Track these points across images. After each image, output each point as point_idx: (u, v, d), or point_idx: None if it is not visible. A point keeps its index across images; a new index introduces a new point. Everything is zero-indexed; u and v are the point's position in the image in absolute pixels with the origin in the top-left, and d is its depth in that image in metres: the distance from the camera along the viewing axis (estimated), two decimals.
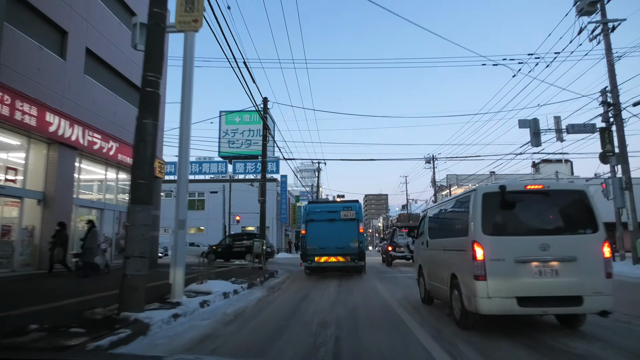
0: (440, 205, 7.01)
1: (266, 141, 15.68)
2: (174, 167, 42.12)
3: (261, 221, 15.42)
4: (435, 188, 43.76)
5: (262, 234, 15.24)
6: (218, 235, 36.07)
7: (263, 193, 15.38)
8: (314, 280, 11.97)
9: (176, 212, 7.04)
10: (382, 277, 12.58)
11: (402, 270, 15.18)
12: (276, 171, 41.12)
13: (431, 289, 6.60)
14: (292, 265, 19.12)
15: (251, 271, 13.63)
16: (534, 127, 15.28)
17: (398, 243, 18.85)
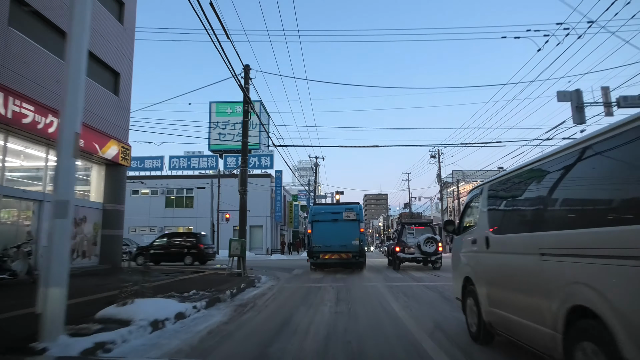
0: (531, 167, 3.49)
1: (248, 117, 12.84)
2: (164, 160, 39.26)
3: (241, 216, 12.58)
4: (440, 184, 40.91)
5: (242, 231, 12.38)
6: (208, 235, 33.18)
7: (243, 181, 12.55)
8: (305, 291, 9.13)
9: (54, 189, 4.15)
10: (392, 286, 9.73)
11: (415, 277, 12.33)
12: (270, 166, 38.29)
13: (498, 322, 3.75)
14: (283, 269, 16.25)
15: (226, 279, 10.79)
16: (577, 99, 12.45)
17: (407, 243, 15.96)
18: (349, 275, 13.17)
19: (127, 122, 15.63)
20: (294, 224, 49.29)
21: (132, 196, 38.24)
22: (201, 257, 19.70)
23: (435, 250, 15.30)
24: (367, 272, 14.21)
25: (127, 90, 15.63)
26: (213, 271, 13.21)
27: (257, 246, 36.63)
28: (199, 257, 19.68)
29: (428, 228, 16.63)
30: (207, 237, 21.93)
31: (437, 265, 15.59)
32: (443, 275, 12.39)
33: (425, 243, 15.19)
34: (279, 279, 12.03)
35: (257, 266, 17.69)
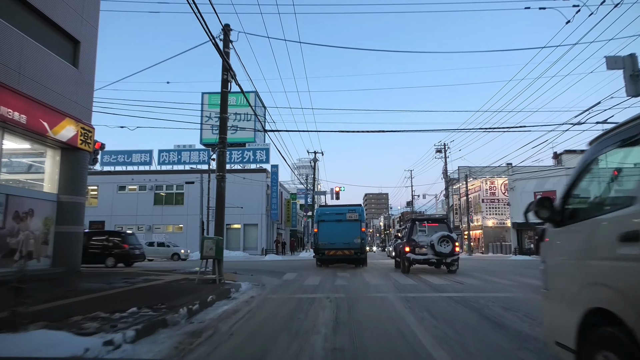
0: None
1: (227, 88, 10.48)
2: (150, 154, 36.86)
3: (218, 208, 10.22)
4: (446, 180, 38.59)
5: (219, 227, 10.03)
6: (198, 235, 30.86)
7: (221, 166, 10.20)
8: (293, 306, 6.82)
9: None
10: (408, 299, 7.44)
11: (432, 284, 10.03)
12: (266, 160, 36.01)
13: None
14: (273, 272, 13.94)
15: (195, 287, 8.48)
16: (631, 66, 10.14)
17: (419, 242, 13.61)
18: (351, 279, 10.88)
19: (90, 99, 13.30)
20: (291, 222, 47.01)
21: (118, 192, 36.04)
22: (126, 259, 17.83)
23: (452, 250, 13.03)
24: (373, 277, 11.90)
25: (90, 63, 13.30)
26: (184, 276, 10.89)
27: (252, 246, 34.34)
28: (124, 259, 17.81)
29: (442, 225, 14.31)
30: (134, 236, 19.79)
31: (452, 269, 13.41)
32: (467, 282, 10.08)
33: (439, 242, 12.98)
34: (264, 286, 9.71)
35: (243, 268, 15.40)
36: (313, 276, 12.22)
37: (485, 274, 13.13)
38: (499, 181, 37.79)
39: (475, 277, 11.80)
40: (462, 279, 11.17)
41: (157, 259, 25.46)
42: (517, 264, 19.67)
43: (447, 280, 10.84)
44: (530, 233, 31.82)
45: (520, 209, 32.35)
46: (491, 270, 14.67)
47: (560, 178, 30.58)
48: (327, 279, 11.45)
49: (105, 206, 35.63)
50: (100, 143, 18.43)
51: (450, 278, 11.40)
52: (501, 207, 37.33)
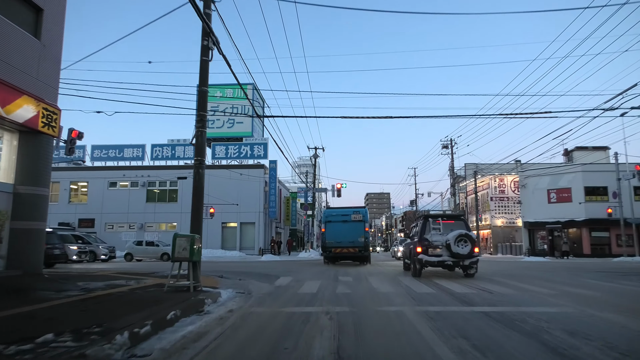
0: None
1: (209, 57, 8.77)
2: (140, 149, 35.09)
3: (195, 200, 8.50)
4: (453, 177, 36.83)
5: (196, 223, 8.29)
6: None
7: (200, 149, 8.47)
8: (280, 328, 5.15)
9: None
10: (431, 315, 5.78)
11: (454, 293, 8.34)
12: (264, 156, 34.31)
13: None
14: (265, 276, 12.24)
15: (160, 298, 6.78)
16: None
17: (432, 242, 11.89)
18: (355, 285, 9.17)
19: (56, 77, 11.60)
20: (291, 221, 45.35)
21: (109, 189, 34.41)
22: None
23: (470, 251, 11.37)
24: (380, 282, 10.18)
25: (56, 36, 11.61)
26: (158, 281, 9.19)
27: (249, 245, 32.66)
28: None
29: (459, 222, 12.50)
30: (53, 234, 18.00)
31: (470, 272, 11.81)
32: (495, 291, 8.36)
33: (456, 242, 11.37)
34: (249, 294, 8.00)
35: (233, 271, 13.71)
36: (311, 281, 10.50)
37: (509, 278, 11.42)
38: (508, 178, 36.02)
39: (500, 283, 10.08)
40: (487, 285, 9.46)
41: (146, 259, 23.81)
42: (536, 267, 17.93)
43: (470, 287, 9.12)
44: (542, 233, 30.09)
45: (532, 207, 30.64)
46: (513, 274, 12.95)
47: (576, 174, 28.86)
48: (327, 284, 9.74)
49: (95, 203, 33.99)
50: (77, 132, 16.75)
51: (471, 284, 9.68)
52: (511, 206, 35.57)
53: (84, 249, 20.33)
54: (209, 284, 9.03)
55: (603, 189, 28.42)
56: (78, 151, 34.93)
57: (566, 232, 28.39)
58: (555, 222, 28.59)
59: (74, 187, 34.92)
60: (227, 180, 33.30)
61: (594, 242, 27.86)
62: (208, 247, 32.09)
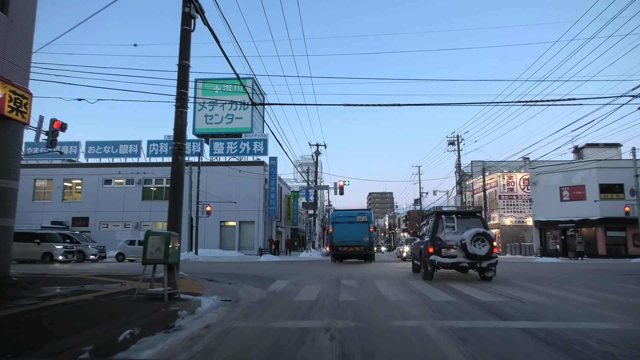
0: None
1: (190, 26, 7.54)
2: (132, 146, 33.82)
3: (173, 193, 7.23)
4: (459, 174, 35.55)
5: (174, 218, 7.01)
6: (188, 233, 28.02)
7: (179, 133, 7.16)
8: (267, 350, 3.95)
9: None
10: (459, 333, 4.59)
11: (479, 302, 7.14)
12: (264, 152, 33.12)
13: None
14: (260, 280, 11.04)
15: (126, 307, 5.59)
16: None
17: (446, 241, 10.66)
18: (360, 291, 7.95)
19: (27, 57, 10.36)
20: (292, 220, 44.15)
21: (103, 186, 33.32)
22: None
23: (489, 252, 10.19)
24: (389, 286, 8.96)
25: (27, 11, 10.39)
26: (135, 286, 7.98)
27: (248, 245, 31.47)
28: None
29: (475, 219, 11.16)
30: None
31: (488, 275, 10.56)
32: (526, 298, 7.12)
33: (473, 241, 10.23)
34: (237, 302, 6.79)
35: (225, 273, 12.52)
36: (310, 285, 9.28)
37: (532, 282, 10.17)
38: (517, 176, 34.71)
39: (525, 288, 8.83)
40: (511, 291, 8.22)
41: (138, 259, 22.62)
42: (553, 268, 16.67)
43: (493, 293, 7.88)
44: (555, 232, 28.77)
45: (543, 206, 29.31)
46: (534, 277, 11.70)
47: (590, 171, 27.51)
48: (328, 289, 8.52)
49: (90, 201, 32.89)
50: (60, 122, 15.61)
51: (493, 289, 8.44)
52: (520, 204, 34.26)
53: (70, 248, 19.20)
54: (191, 290, 7.83)
55: (619, 186, 27.07)
56: (72, 147, 33.88)
57: (579, 232, 27.07)
58: (569, 221, 27.28)
59: (67, 185, 33.84)
60: (226, 177, 32.15)
61: (609, 242, 26.52)
62: (205, 246, 30.95)
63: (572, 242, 26.64)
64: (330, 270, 14.18)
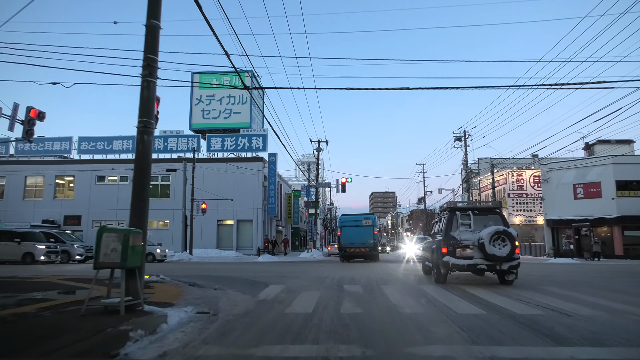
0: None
1: None
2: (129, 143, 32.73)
3: (137, 180, 5.91)
4: (467, 171, 34.18)
5: (137, 212, 5.67)
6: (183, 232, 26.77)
7: (147, 107, 5.81)
8: None
9: None
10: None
11: (513, 315, 5.88)
12: (263, 148, 31.86)
13: None
14: (254, 284, 9.76)
15: (68, 325, 4.29)
16: None
17: (461, 241, 9.40)
18: (366, 300, 6.66)
19: None
20: (293, 219, 42.87)
21: (97, 184, 32.14)
22: None
23: (510, 253, 8.95)
24: (400, 293, 7.65)
25: None
26: (99, 294, 6.68)
27: (246, 245, 30.20)
28: None
29: (494, 216, 9.86)
30: None
31: (509, 278, 9.40)
32: (571, 310, 5.81)
33: (492, 241, 8.99)
34: (215, 316, 5.49)
35: (214, 276, 11.24)
36: (307, 292, 7.98)
37: (562, 287, 8.88)
38: (527, 173, 33.32)
39: (559, 295, 7.51)
40: (544, 299, 6.90)
41: None
42: (575, 270, 15.34)
43: (526, 302, 6.57)
44: (568, 232, 27.36)
45: (556, 204, 27.92)
46: (561, 282, 10.39)
47: (606, 167, 26.09)
48: (328, 297, 7.23)
49: (82, 199, 31.69)
50: (37, 110, 14.36)
51: (523, 297, 7.13)
52: (530, 202, 32.87)
53: (54, 248, 17.96)
54: (164, 298, 6.56)
55: (637, 183, 25.66)
56: (64, 143, 32.71)
57: (594, 231, 25.69)
58: (583, 220, 25.87)
59: (59, 182, 32.66)
60: (223, 174, 30.90)
61: (626, 242, 25.11)
62: (202, 246, 29.72)
63: (587, 241, 25.26)
64: (332, 273, 12.88)
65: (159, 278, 9.53)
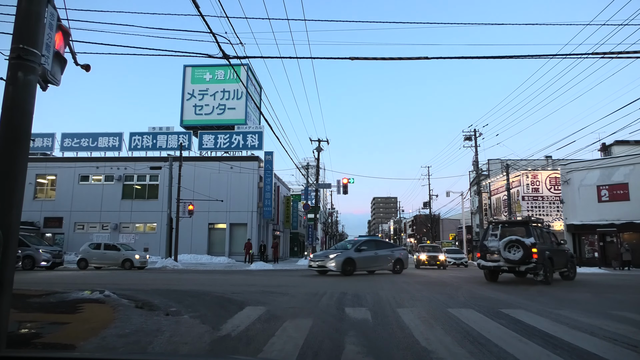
0: None
1: None
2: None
3: (3, 147, 3.66)
4: (477, 172, 31.85)
5: (6, 196, 3.42)
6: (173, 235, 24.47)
7: (23, 30, 3.67)
8: None
9: None
10: None
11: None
12: (259, 146, 29.62)
13: None
14: (228, 302, 7.46)
15: None
16: None
17: (489, 247, 12.14)
18: (380, 337, 4.41)
19: None
20: (292, 224, 40.56)
21: (80, 183, 29.94)
22: None
23: (523, 257, 11.20)
24: (428, 327, 5.35)
25: None
26: None
27: (239, 251, 27.85)
28: None
29: (519, 228, 12.19)
30: None
31: (537, 279, 11.69)
32: None
33: (507, 247, 11.57)
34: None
35: (183, 290, 8.92)
36: (293, 320, 5.67)
37: (629, 309, 6.57)
38: (543, 174, 30.98)
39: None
40: (630, 331, 4.60)
41: (104, 266, 19.11)
42: (612, 282, 12.98)
43: (617, 341, 4.26)
44: (591, 238, 24.99)
45: (577, 208, 25.58)
46: (622, 301, 8.07)
47: (634, 167, 23.75)
48: (322, 332, 4.93)
49: (65, 200, 29.45)
50: None
51: (607, 330, 4.82)
52: (547, 206, 30.50)
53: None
54: (73, 332, 4.29)
55: None
56: (46, 140, 30.54)
57: (621, 237, 23.33)
58: (609, 225, 23.52)
59: (40, 181, 30.44)
60: (216, 174, 28.67)
61: None
62: (192, 251, 27.41)
63: (614, 249, 22.90)
64: (331, 286, 10.55)
65: (102, 295, 7.24)
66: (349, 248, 15.57)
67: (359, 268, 15.08)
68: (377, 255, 15.79)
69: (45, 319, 5.30)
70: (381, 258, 15.88)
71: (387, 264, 15.97)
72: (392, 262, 16.00)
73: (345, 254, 15.00)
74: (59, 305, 6.46)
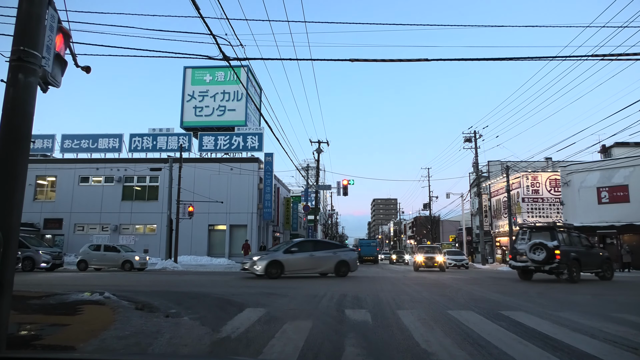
0: None
1: None
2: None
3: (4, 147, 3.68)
4: (477, 174, 31.85)
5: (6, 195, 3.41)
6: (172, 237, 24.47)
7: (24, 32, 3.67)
8: None
9: None
10: None
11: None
12: (259, 148, 29.63)
13: None
14: (228, 304, 7.47)
15: None
16: None
17: (519, 249, 13.88)
18: (381, 339, 4.40)
19: None
20: (292, 225, 40.55)
21: (80, 185, 29.95)
22: None
23: (546, 258, 12.64)
24: (429, 329, 5.35)
25: None
26: None
27: (240, 252, 27.83)
28: None
29: (545, 233, 13.61)
30: None
31: (562, 277, 13.07)
32: None
33: (532, 249, 13.11)
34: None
35: (183, 292, 8.92)
36: (293, 322, 5.67)
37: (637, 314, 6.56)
38: (543, 176, 30.99)
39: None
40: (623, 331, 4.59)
41: (104, 267, 19.10)
42: (615, 286, 12.98)
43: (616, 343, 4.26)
44: (592, 240, 24.94)
45: (577, 209, 25.61)
46: (631, 304, 8.06)
47: (634, 169, 23.77)
48: (322, 333, 4.93)
49: (65, 201, 29.47)
50: None
51: (611, 333, 4.82)
52: (546, 208, 30.50)
53: None
54: (73, 334, 4.29)
55: None
56: (46, 141, 30.57)
57: (621, 239, 23.32)
58: (609, 227, 23.51)
59: (40, 183, 30.46)
60: (216, 175, 28.69)
61: None
62: (192, 253, 27.43)
63: (614, 250, 22.87)
64: (331, 287, 10.56)
65: (101, 297, 7.24)
66: (279, 250, 14.80)
67: (288, 271, 14.18)
68: (312, 257, 14.65)
69: (45, 321, 5.30)
70: (319, 260, 14.76)
71: (326, 266, 14.85)
72: (335, 264, 14.84)
73: (272, 256, 14.20)
74: (58, 306, 6.46)
